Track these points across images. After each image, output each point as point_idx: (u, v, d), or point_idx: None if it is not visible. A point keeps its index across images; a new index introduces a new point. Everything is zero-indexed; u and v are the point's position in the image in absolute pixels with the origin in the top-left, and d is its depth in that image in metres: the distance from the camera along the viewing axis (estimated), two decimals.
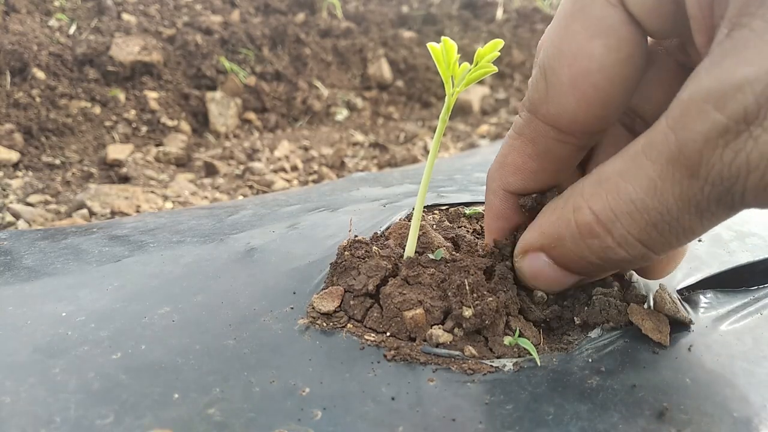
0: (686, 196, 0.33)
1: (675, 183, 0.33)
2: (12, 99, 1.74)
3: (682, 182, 0.33)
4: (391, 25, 2.81)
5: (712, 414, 0.40)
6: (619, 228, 0.37)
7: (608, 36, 0.37)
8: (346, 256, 0.53)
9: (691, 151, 0.32)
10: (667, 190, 0.34)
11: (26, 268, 0.59)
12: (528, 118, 0.43)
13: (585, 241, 0.40)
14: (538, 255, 0.46)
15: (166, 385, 0.41)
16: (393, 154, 1.87)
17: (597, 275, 0.48)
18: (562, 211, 0.42)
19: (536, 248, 0.46)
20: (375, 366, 0.44)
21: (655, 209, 0.35)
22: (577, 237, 0.40)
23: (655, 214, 0.35)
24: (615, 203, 0.37)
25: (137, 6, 2.41)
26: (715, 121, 0.31)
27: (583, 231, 0.40)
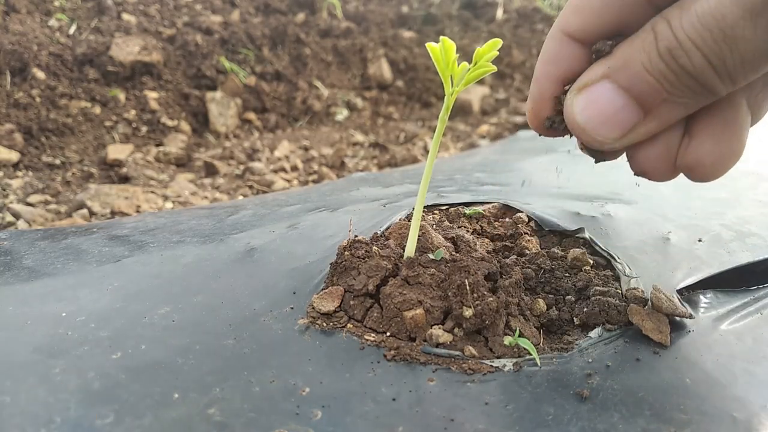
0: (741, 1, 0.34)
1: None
2: (12, 99, 1.74)
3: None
4: (391, 25, 2.81)
5: (712, 414, 0.40)
6: (682, 33, 0.37)
7: None
8: (346, 256, 0.53)
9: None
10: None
11: (26, 268, 0.59)
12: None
13: (659, 44, 0.38)
14: (600, 83, 0.42)
15: (166, 385, 0.41)
16: (393, 154, 1.87)
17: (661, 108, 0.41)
18: (636, 35, 0.40)
19: (600, 75, 0.42)
20: (375, 366, 0.44)
21: (712, 15, 0.35)
22: (652, 43, 0.38)
23: (711, 20, 0.35)
24: (685, 13, 0.37)
25: (137, 6, 2.41)
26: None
27: (658, 35, 0.38)
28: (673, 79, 0.39)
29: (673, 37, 0.37)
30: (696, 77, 0.38)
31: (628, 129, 0.42)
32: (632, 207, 0.74)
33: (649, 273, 0.57)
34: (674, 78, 0.39)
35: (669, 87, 0.39)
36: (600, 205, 0.72)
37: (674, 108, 0.41)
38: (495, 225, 0.67)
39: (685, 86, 0.39)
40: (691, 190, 0.81)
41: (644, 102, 0.41)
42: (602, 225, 0.66)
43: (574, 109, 0.43)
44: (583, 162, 1.00)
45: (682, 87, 0.39)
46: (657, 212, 0.72)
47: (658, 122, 0.43)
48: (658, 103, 0.41)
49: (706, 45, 0.36)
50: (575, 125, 0.44)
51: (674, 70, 0.38)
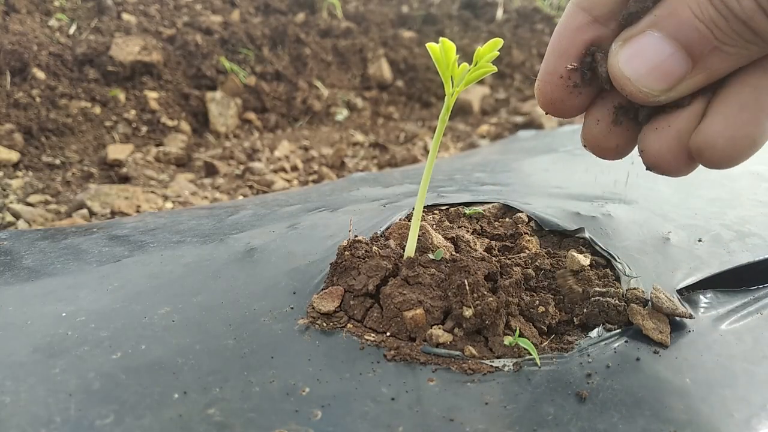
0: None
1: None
2: (12, 99, 1.74)
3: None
4: (391, 25, 2.81)
5: (712, 414, 0.40)
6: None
7: None
8: (346, 256, 0.53)
9: None
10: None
11: (26, 268, 0.59)
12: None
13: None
14: (647, 33, 0.40)
15: (166, 385, 0.41)
16: (393, 154, 1.87)
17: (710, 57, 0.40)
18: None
19: (646, 24, 0.40)
20: (375, 366, 0.44)
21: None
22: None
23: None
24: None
25: (137, 6, 2.41)
26: None
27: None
28: (724, 25, 0.37)
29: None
30: (746, 22, 0.36)
31: (677, 80, 0.40)
32: (632, 207, 0.74)
33: (649, 273, 0.57)
34: (724, 23, 0.37)
35: (719, 34, 0.38)
36: (600, 205, 0.72)
37: (724, 58, 0.39)
38: (495, 225, 0.67)
39: (735, 32, 0.37)
40: (691, 190, 0.81)
41: (693, 51, 0.39)
42: (602, 225, 0.66)
43: (619, 60, 0.41)
44: (584, 162, 1.00)
45: (732, 33, 0.37)
46: (657, 212, 0.72)
47: (708, 74, 0.41)
48: (708, 52, 0.39)
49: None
50: (620, 77, 0.42)
51: (724, 14, 0.37)
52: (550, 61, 0.45)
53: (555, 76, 0.45)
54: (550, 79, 0.45)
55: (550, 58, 0.45)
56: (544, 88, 0.46)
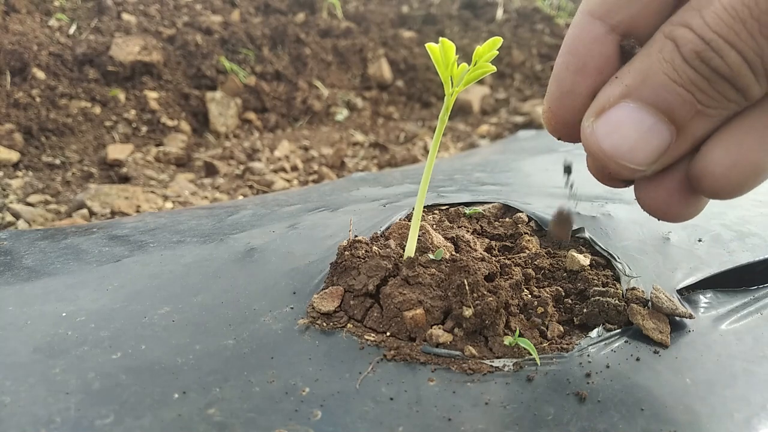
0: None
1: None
2: (12, 99, 1.74)
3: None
4: (391, 25, 2.81)
5: (712, 414, 0.40)
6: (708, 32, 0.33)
7: None
8: (346, 256, 0.53)
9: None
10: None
11: (26, 268, 0.59)
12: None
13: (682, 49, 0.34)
14: (620, 105, 0.37)
15: (166, 385, 0.41)
16: (393, 154, 1.87)
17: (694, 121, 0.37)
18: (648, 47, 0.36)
19: (618, 95, 0.37)
20: (375, 366, 0.44)
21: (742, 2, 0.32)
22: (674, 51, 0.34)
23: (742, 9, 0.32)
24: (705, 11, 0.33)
25: (137, 6, 2.41)
26: None
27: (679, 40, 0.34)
28: (706, 86, 0.34)
29: (698, 39, 0.33)
30: (731, 79, 0.34)
31: (662, 151, 0.37)
32: (632, 207, 0.74)
33: (649, 273, 0.57)
34: (706, 84, 0.34)
35: (702, 97, 0.35)
36: (600, 205, 0.72)
37: (708, 121, 0.36)
38: (495, 225, 0.67)
39: (718, 92, 0.35)
40: None
41: (675, 118, 0.36)
42: (602, 225, 0.66)
43: (597, 137, 0.38)
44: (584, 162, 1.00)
45: (715, 94, 0.35)
46: None
47: (692, 139, 0.37)
48: (691, 117, 0.36)
49: (740, 39, 0.32)
50: (600, 155, 0.38)
51: (705, 74, 0.34)
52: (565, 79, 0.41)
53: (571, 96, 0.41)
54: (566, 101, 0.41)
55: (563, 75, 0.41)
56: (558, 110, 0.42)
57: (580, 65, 0.40)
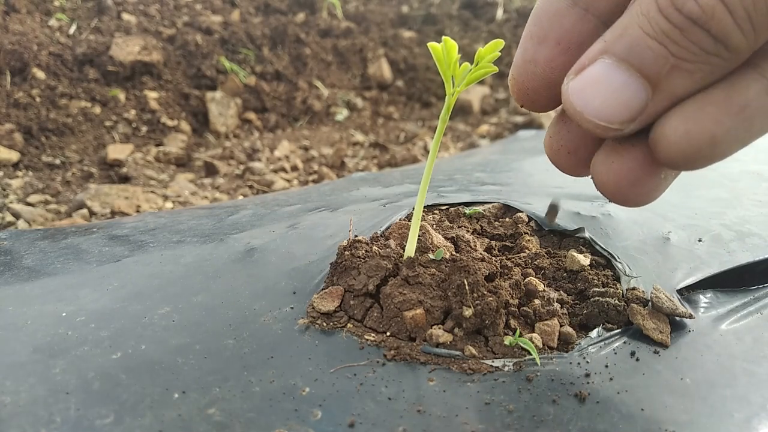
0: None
1: None
2: (12, 99, 1.74)
3: None
4: (391, 25, 2.81)
5: (712, 414, 0.40)
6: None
7: None
8: (346, 256, 0.53)
9: None
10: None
11: (26, 268, 0.59)
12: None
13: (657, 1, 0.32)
14: (597, 61, 0.36)
15: (166, 385, 0.41)
16: (393, 154, 1.87)
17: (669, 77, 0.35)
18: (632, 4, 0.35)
19: (596, 51, 0.36)
20: (375, 366, 0.44)
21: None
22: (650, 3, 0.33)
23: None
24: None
25: (137, 6, 2.41)
26: None
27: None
28: (679, 37, 0.32)
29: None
30: (706, 25, 0.31)
31: (636, 109, 0.35)
32: None
33: (649, 273, 0.57)
34: (679, 35, 0.32)
35: (675, 48, 0.32)
36: (600, 205, 0.72)
37: (686, 77, 0.34)
38: (495, 225, 0.67)
39: (695, 44, 0.32)
40: (691, 190, 0.81)
41: (649, 74, 0.34)
42: (602, 225, 0.66)
43: (569, 94, 0.37)
44: None
45: (691, 45, 0.32)
46: (657, 212, 0.72)
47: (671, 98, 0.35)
48: (666, 73, 0.34)
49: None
50: (573, 111, 0.37)
51: (679, 23, 0.32)
52: (528, 48, 0.41)
53: (533, 64, 0.41)
54: (528, 68, 0.41)
55: (527, 45, 0.41)
56: (519, 77, 0.42)
57: (542, 36, 0.40)
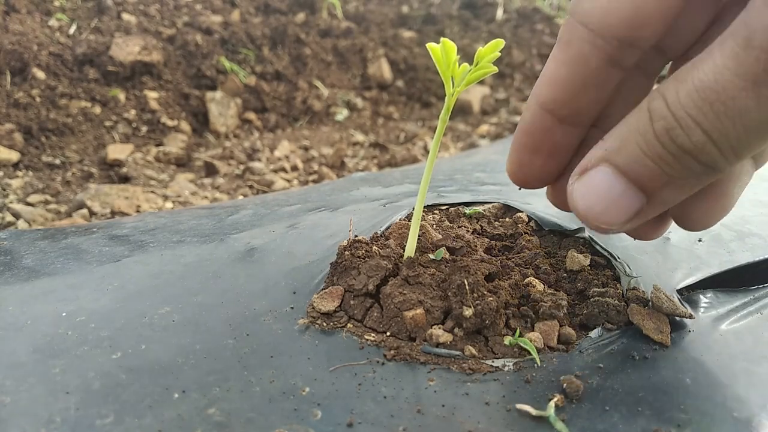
0: (742, 70, 0.33)
1: (731, 57, 0.33)
2: (12, 99, 1.74)
3: (738, 55, 0.32)
4: (391, 25, 2.81)
5: (712, 414, 0.40)
6: (679, 109, 0.35)
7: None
8: (346, 256, 0.53)
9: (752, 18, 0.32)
10: (724, 65, 0.33)
11: (26, 268, 0.59)
12: (566, 19, 0.42)
13: (654, 124, 0.36)
14: (599, 168, 0.40)
15: (166, 385, 0.41)
16: (393, 154, 1.87)
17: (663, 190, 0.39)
18: (632, 113, 0.39)
19: (598, 158, 0.40)
20: (375, 366, 0.44)
21: (711, 88, 0.34)
22: (647, 123, 0.37)
23: (711, 93, 0.34)
24: (681, 86, 0.35)
25: (137, 6, 2.41)
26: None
27: (654, 113, 0.36)
28: (672, 162, 0.37)
29: (671, 116, 0.35)
30: (697, 156, 0.36)
31: (632, 214, 0.40)
32: None
33: (649, 273, 0.57)
34: (673, 160, 0.37)
35: (669, 169, 0.37)
36: None
37: (678, 189, 0.39)
38: (495, 225, 0.67)
39: (685, 167, 0.37)
40: None
41: (645, 186, 0.39)
42: None
43: (574, 197, 0.42)
44: None
45: (682, 169, 0.37)
46: None
47: (662, 205, 0.41)
48: (661, 186, 0.39)
49: (706, 120, 0.34)
50: (577, 213, 0.42)
51: (672, 151, 0.36)
52: (523, 157, 0.47)
53: (528, 167, 0.47)
54: (525, 171, 0.48)
55: (522, 155, 0.47)
56: (519, 175, 0.48)
57: (535, 147, 0.46)
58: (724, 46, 0.33)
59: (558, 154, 0.46)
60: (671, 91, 0.36)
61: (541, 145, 0.46)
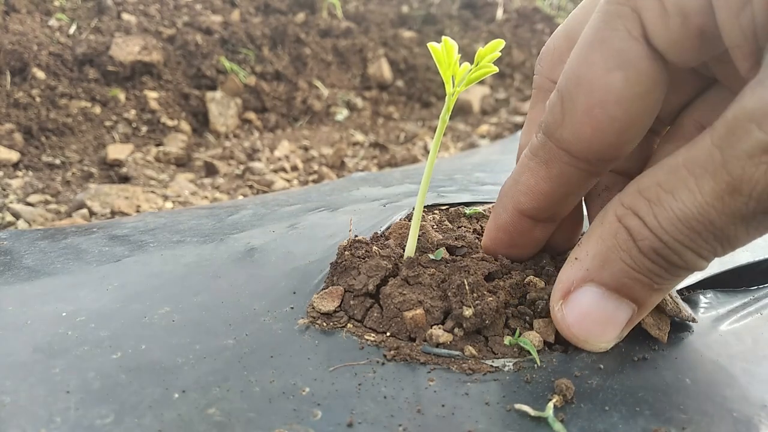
0: (729, 211, 0.34)
1: (716, 198, 0.34)
2: (12, 99, 1.74)
3: (724, 198, 0.33)
4: (391, 25, 2.81)
5: (712, 414, 0.40)
6: (664, 234, 0.37)
7: (628, 69, 0.37)
8: (346, 256, 0.53)
9: (734, 168, 0.32)
10: (708, 203, 0.34)
11: (26, 268, 0.59)
12: (543, 140, 0.43)
13: (638, 243, 0.38)
14: (584, 288, 0.42)
15: (166, 385, 0.41)
16: (393, 154, 1.87)
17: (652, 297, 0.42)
18: (603, 227, 0.40)
19: (581, 279, 0.42)
20: (375, 366, 0.44)
21: (697, 220, 0.35)
22: (629, 241, 0.38)
23: (698, 225, 0.35)
24: (657, 210, 0.36)
25: (137, 6, 2.41)
26: (758, 139, 0.31)
27: (634, 233, 0.38)
28: (664, 273, 0.39)
29: (655, 238, 0.37)
30: (688, 267, 0.38)
31: (627, 326, 0.43)
32: None
33: None
34: (664, 272, 0.38)
35: (659, 280, 0.39)
36: None
37: (664, 292, 0.42)
38: None
39: (675, 275, 0.39)
40: None
41: (636, 298, 0.41)
42: None
43: (568, 324, 0.43)
44: None
45: (672, 276, 0.39)
46: None
47: (650, 308, 0.43)
48: (651, 294, 0.41)
49: (696, 244, 0.36)
50: (575, 340, 0.44)
51: (663, 265, 0.38)
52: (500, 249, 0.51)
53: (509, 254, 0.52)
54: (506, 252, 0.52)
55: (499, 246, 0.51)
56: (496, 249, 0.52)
57: (512, 243, 0.50)
58: (703, 183, 0.34)
59: (534, 244, 0.50)
60: (645, 212, 0.37)
61: (519, 241, 0.50)
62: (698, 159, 0.34)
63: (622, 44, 0.37)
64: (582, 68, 0.39)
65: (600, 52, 0.38)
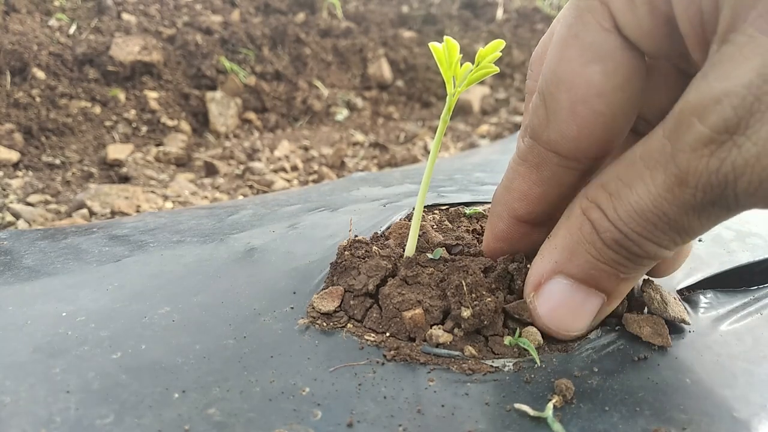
0: (680, 202, 0.34)
1: (667, 190, 0.34)
2: (12, 99, 1.74)
3: (674, 189, 0.34)
4: (391, 25, 2.81)
5: (712, 414, 0.40)
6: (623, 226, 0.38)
7: (604, 61, 0.37)
8: (346, 256, 0.53)
9: (681, 160, 0.33)
10: (661, 195, 0.35)
11: (26, 268, 0.59)
12: (530, 144, 0.43)
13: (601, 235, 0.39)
14: (554, 280, 0.43)
15: (166, 385, 0.41)
16: (393, 154, 1.87)
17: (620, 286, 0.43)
18: (569, 221, 0.41)
19: (550, 271, 0.43)
20: (375, 366, 0.44)
21: (652, 212, 0.36)
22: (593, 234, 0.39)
23: (653, 216, 0.36)
24: (617, 203, 0.37)
25: (137, 6, 2.41)
26: (699, 132, 0.32)
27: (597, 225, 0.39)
28: (627, 262, 0.40)
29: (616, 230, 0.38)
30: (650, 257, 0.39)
31: (597, 315, 0.44)
32: None
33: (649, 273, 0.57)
34: (628, 262, 0.40)
35: (625, 270, 0.40)
36: None
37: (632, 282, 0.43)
38: None
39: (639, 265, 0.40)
40: None
41: (604, 287, 0.42)
42: None
43: (539, 314, 0.45)
44: None
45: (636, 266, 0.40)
46: None
47: (619, 297, 0.44)
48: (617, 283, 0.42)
49: (654, 235, 0.37)
50: (547, 329, 0.45)
51: (627, 256, 0.39)
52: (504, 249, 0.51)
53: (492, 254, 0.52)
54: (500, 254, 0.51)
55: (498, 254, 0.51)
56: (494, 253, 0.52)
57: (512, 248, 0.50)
58: (655, 176, 0.35)
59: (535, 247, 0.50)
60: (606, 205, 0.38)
61: (519, 246, 0.50)
62: (652, 152, 0.35)
63: (595, 37, 0.37)
64: (560, 66, 0.39)
65: (575, 47, 0.38)
